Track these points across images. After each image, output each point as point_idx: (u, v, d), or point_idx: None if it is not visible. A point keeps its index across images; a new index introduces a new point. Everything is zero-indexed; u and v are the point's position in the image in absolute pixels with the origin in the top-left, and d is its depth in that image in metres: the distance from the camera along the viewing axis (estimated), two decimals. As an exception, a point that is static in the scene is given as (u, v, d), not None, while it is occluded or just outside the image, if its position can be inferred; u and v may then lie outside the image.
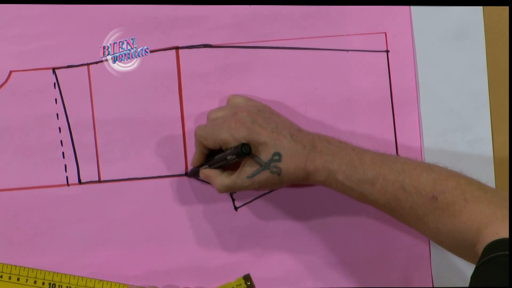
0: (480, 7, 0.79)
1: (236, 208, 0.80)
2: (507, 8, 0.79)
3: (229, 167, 0.73)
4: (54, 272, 0.78)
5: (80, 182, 0.79)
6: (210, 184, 0.75)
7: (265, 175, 0.70)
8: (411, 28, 0.79)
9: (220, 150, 0.73)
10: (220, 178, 0.73)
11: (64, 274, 0.78)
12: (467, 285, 0.79)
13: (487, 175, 0.79)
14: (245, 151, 0.68)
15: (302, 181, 0.71)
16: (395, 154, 0.79)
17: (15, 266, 0.78)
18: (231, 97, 0.78)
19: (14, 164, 0.78)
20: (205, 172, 0.75)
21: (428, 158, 0.79)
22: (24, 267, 0.78)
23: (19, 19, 0.78)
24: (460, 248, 0.66)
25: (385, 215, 0.79)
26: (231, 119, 0.71)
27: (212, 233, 0.80)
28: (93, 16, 0.78)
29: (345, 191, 0.70)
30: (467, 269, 0.80)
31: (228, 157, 0.70)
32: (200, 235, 0.79)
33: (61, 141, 0.79)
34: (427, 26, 0.79)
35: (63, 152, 0.79)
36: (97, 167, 0.79)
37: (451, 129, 0.80)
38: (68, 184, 0.79)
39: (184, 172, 0.79)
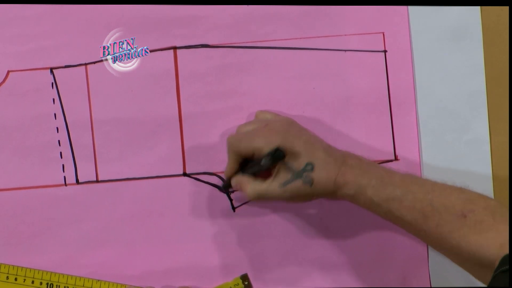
0: (478, 7, 0.79)
1: (234, 208, 0.80)
2: (504, 8, 0.79)
3: (262, 175, 0.72)
4: (51, 272, 0.78)
5: (77, 182, 0.79)
6: (242, 192, 0.73)
7: (297, 184, 0.69)
8: (408, 28, 0.79)
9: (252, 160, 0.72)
10: (252, 184, 0.71)
11: (62, 274, 0.78)
12: (465, 285, 0.79)
13: (484, 175, 0.79)
14: (279, 155, 0.67)
15: (331, 195, 0.70)
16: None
17: (13, 266, 0.78)
18: (259, 113, 0.78)
19: (12, 164, 0.78)
20: (237, 178, 0.73)
21: (426, 158, 0.79)
22: (22, 267, 0.78)
23: (17, 19, 0.78)
24: (477, 266, 0.66)
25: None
26: (264, 129, 0.71)
27: (210, 233, 0.79)
28: (91, 16, 0.78)
29: (372, 207, 0.70)
30: (465, 269, 0.80)
31: (262, 162, 0.68)
32: (198, 235, 0.79)
33: (58, 141, 0.79)
34: (425, 26, 0.79)
35: (61, 152, 0.79)
36: (94, 167, 0.79)
37: (448, 129, 0.80)
38: (66, 184, 0.79)
39: (182, 172, 0.79)
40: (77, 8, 0.78)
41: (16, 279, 0.78)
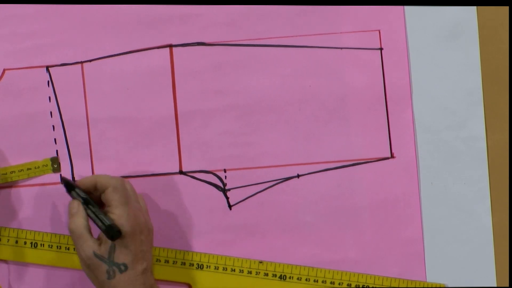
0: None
1: (230, 206, 0.80)
2: (501, 6, 0.79)
3: None
4: (27, 230, 0.78)
5: (74, 180, 0.79)
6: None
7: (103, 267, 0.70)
8: (405, 25, 0.79)
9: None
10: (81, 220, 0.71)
11: (38, 231, 0.78)
12: (461, 281, 0.80)
13: (481, 173, 0.80)
14: (115, 235, 0.69)
15: None
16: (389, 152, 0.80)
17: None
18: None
19: (8, 162, 0.78)
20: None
21: (422, 156, 0.80)
22: (5, 227, 0.78)
23: (13, 18, 0.78)
24: None
25: (379, 213, 0.79)
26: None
27: (206, 231, 0.80)
28: (87, 15, 0.78)
29: None
30: (461, 265, 0.80)
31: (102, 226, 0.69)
32: (194, 233, 0.79)
33: (54, 139, 0.79)
34: (421, 23, 0.79)
35: (57, 150, 0.79)
36: (90, 165, 0.79)
37: (445, 126, 0.80)
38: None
39: (178, 170, 0.79)
40: (73, 7, 0.78)
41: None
